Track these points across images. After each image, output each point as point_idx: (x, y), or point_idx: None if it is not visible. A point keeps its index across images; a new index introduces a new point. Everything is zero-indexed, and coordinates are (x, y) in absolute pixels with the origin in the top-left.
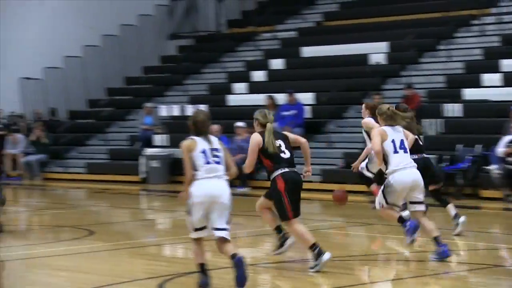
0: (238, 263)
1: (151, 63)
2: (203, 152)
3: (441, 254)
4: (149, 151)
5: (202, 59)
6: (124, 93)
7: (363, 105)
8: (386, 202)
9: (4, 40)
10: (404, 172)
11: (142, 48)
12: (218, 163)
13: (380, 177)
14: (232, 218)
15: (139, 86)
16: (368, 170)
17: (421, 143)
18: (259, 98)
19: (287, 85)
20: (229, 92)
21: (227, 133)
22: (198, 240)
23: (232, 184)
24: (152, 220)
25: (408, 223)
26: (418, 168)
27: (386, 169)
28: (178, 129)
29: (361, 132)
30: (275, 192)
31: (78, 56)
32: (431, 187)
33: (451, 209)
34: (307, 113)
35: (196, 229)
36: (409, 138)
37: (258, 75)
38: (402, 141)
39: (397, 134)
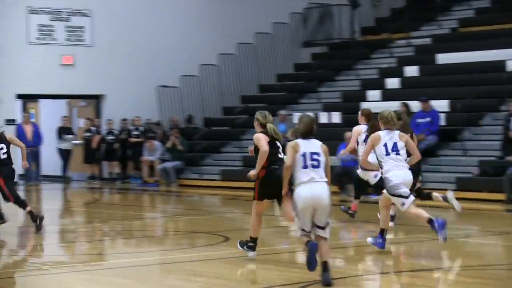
0: (324, 267)
1: (285, 71)
2: (303, 155)
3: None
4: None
5: (335, 67)
6: (258, 101)
7: (359, 112)
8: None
9: (142, 48)
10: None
11: (276, 56)
12: (316, 166)
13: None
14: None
15: (273, 94)
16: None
17: None
18: (393, 106)
19: (421, 92)
20: (363, 99)
21: None
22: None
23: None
24: (285, 227)
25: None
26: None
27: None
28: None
29: (498, 140)
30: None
31: (214, 64)
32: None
33: (437, 195)
34: (442, 120)
35: (304, 231)
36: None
37: (392, 82)
38: (395, 144)
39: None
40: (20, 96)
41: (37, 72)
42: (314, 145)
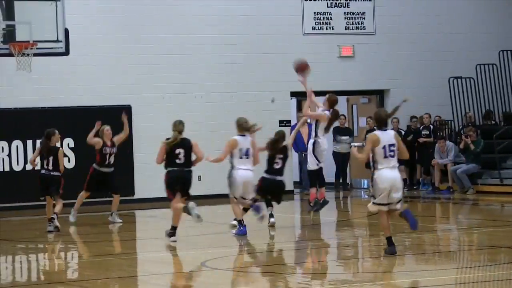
0: (406, 214)
1: None
2: (383, 147)
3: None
4: None
5: None
6: None
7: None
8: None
9: (430, 35)
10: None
11: None
12: (392, 156)
13: None
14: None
15: None
16: None
17: None
18: None
19: None
20: None
21: None
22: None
23: None
24: None
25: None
26: None
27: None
28: None
29: None
30: None
31: None
32: None
33: None
34: None
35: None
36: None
37: None
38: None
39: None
40: (294, 94)
41: (313, 65)
42: None
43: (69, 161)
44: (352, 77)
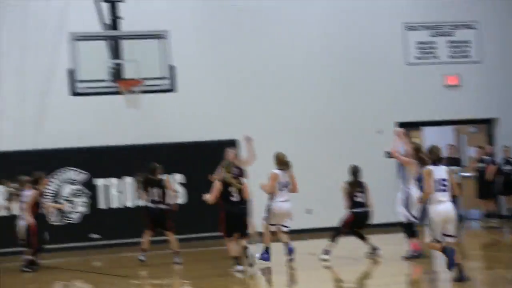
0: (448, 250)
1: None
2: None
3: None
4: None
5: None
6: None
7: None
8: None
9: None
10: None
11: None
12: (444, 190)
13: None
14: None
15: None
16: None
17: None
18: None
19: None
20: None
21: None
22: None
23: None
24: None
25: None
26: None
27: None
28: None
29: None
30: None
31: None
32: None
33: None
34: None
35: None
36: None
37: None
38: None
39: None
40: (401, 125)
41: (418, 95)
42: None
43: (179, 197)
44: (459, 106)
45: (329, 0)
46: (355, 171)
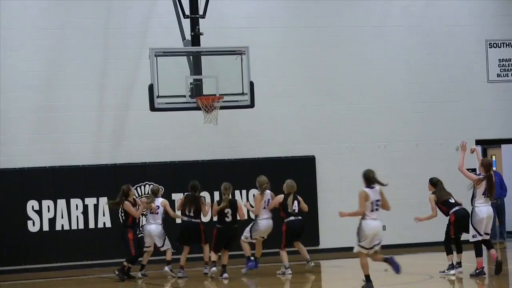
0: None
1: None
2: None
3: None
4: None
5: None
6: None
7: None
8: None
9: None
10: None
11: None
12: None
13: None
14: None
15: None
16: None
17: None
18: None
19: None
20: None
21: None
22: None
23: None
24: None
25: None
26: None
27: None
28: None
29: None
30: None
31: None
32: None
33: None
34: None
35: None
36: None
37: None
38: None
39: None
40: (479, 142)
41: (497, 113)
42: None
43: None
44: None
45: (412, 17)
46: (435, 182)
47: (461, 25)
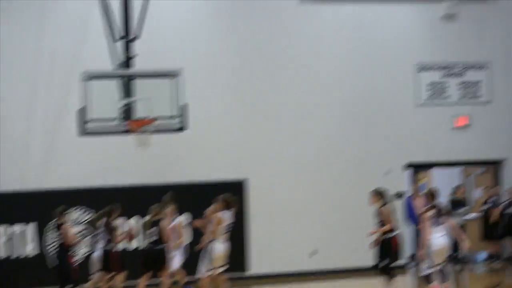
0: None
1: None
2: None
3: None
4: None
5: None
6: None
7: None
8: None
9: None
10: None
11: None
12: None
13: None
14: None
15: None
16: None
17: None
18: None
19: None
20: None
21: None
22: None
23: None
24: None
25: None
26: None
27: None
28: None
29: None
30: None
31: None
32: None
33: None
34: None
35: None
36: None
37: None
38: None
39: None
40: (409, 165)
41: (427, 137)
42: None
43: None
44: (467, 147)
45: (343, 40)
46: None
47: (391, 47)
